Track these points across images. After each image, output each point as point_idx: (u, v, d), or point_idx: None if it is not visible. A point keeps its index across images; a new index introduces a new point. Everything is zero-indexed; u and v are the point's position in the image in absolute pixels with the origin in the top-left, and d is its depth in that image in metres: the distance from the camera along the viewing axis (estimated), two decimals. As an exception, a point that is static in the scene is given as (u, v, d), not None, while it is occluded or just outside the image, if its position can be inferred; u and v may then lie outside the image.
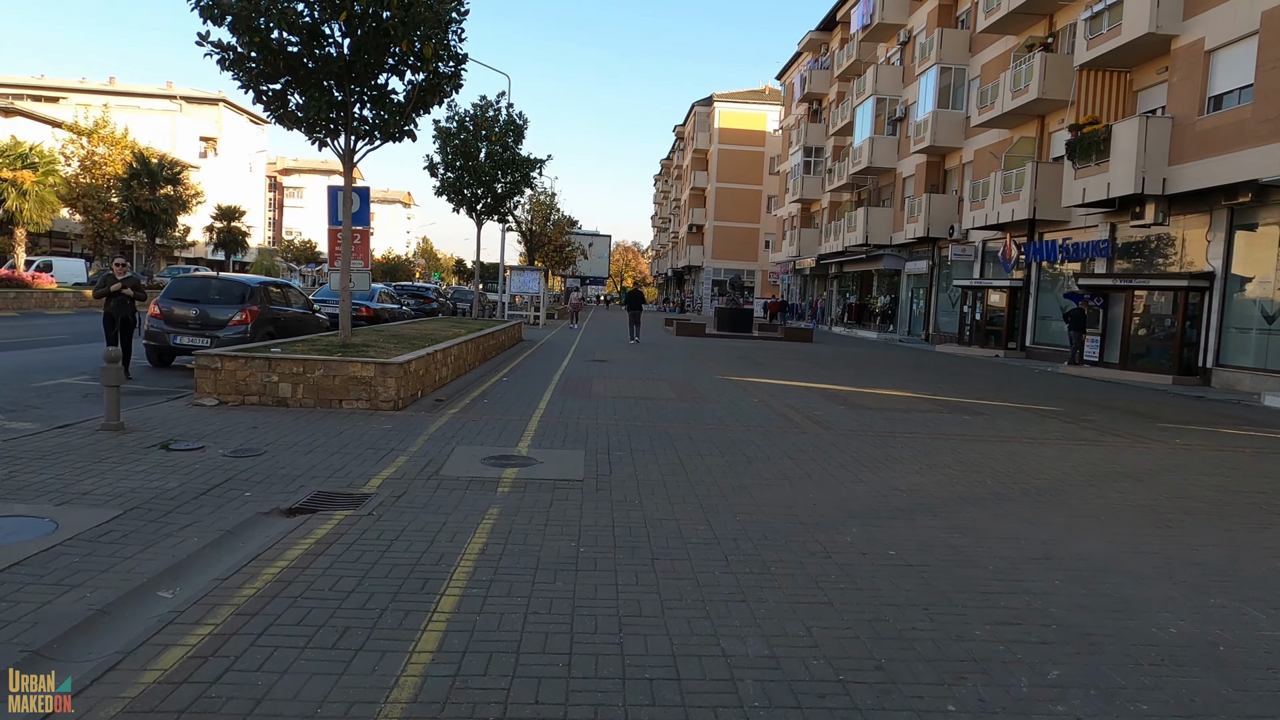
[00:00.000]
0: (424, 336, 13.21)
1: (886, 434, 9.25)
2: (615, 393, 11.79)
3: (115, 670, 3.02)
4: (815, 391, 13.36)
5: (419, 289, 26.66)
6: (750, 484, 6.46)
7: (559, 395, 11.18)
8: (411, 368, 9.57)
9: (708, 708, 2.93)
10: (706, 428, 9.07)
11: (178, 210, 35.45)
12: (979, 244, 30.09)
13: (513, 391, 11.39)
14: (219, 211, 46.40)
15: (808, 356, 22.05)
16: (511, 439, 7.81)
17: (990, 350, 27.01)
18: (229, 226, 46.31)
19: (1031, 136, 26.57)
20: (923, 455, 8.04)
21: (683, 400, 11.36)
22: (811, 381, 15.02)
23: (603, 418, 9.40)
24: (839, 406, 11.52)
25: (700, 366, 17.14)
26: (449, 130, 19.87)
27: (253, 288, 12.63)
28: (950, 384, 16.15)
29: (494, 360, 16.16)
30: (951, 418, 10.97)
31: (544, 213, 39.88)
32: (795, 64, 55.76)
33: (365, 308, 17.97)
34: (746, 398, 12.02)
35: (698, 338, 29.17)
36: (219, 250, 47.26)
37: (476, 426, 8.38)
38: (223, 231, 46.76)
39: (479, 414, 9.22)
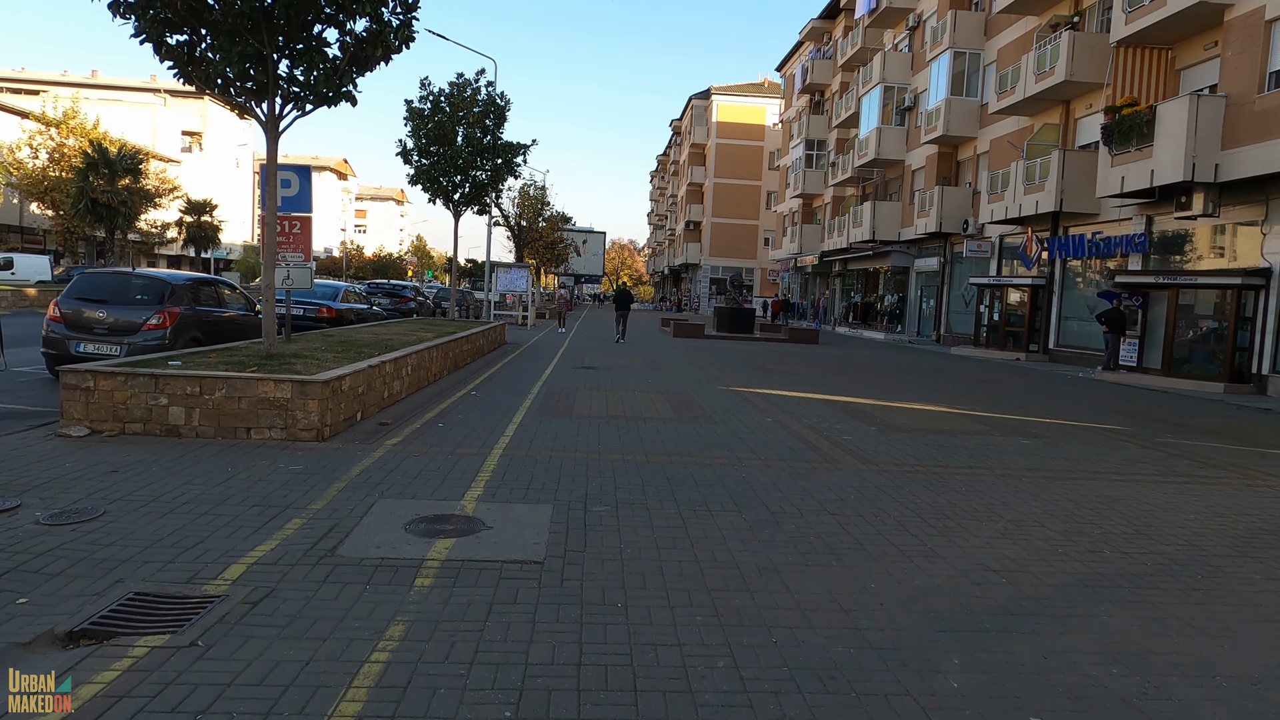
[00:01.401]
0: (380, 343, 11.29)
1: (940, 469, 7.36)
2: (602, 411, 9.89)
3: None
4: (836, 406, 11.47)
5: (395, 287, 24.61)
6: (783, 563, 4.56)
7: (534, 415, 9.28)
8: (344, 385, 7.65)
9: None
10: (715, 462, 7.17)
11: (140, 203, 33.23)
12: (996, 239, 28.24)
13: (479, 410, 9.48)
14: (188, 205, 43.91)
15: (816, 361, 20.17)
16: (458, 485, 5.91)
17: (1010, 353, 25.16)
18: (199, 221, 43.80)
19: (1055, 123, 24.71)
20: (999, 505, 6.15)
21: (683, 421, 9.46)
22: (828, 393, 13.14)
23: (584, 448, 7.49)
24: (869, 427, 9.63)
25: (701, 374, 15.25)
26: (422, 111, 17.93)
27: (175, 285, 10.69)
28: (982, 394, 14.28)
29: (468, 368, 14.24)
30: (1007, 442, 9.09)
31: (534, 207, 37.88)
32: (796, 54, 53.88)
33: (326, 308, 16.03)
34: (758, 416, 10.12)
35: (697, 339, 27.28)
36: (189, 245, 44.70)
37: (417, 465, 6.46)
38: (192, 226, 44.21)
39: (427, 444, 7.30)
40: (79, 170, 30.93)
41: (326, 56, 8.28)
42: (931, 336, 33.42)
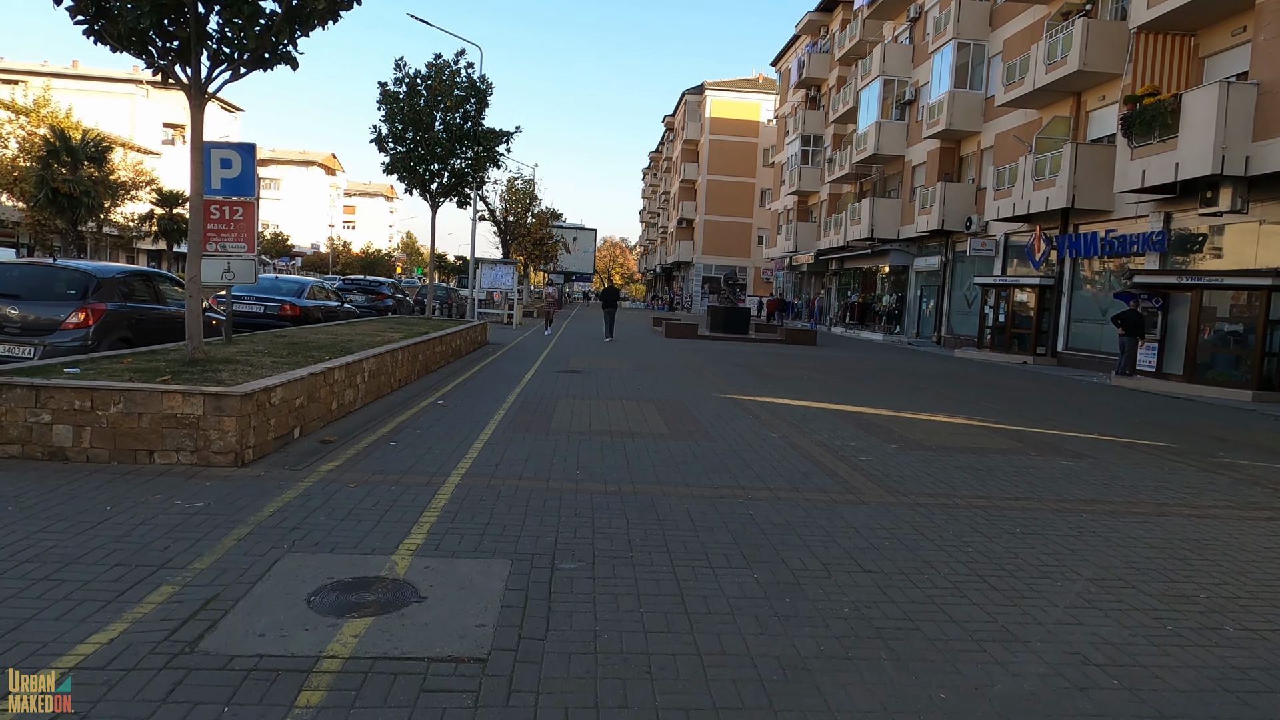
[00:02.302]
0: (336, 345, 10.06)
1: (982, 502, 6.20)
2: (584, 424, 8.69)
3: None
4: (846, 418, 10.30)
5: (371, 283, 23.25)
6: (813, 655, 3.38)
7: (506, 430, 8.07)
8: (275, 397, 6.42)
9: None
10: (715, 493, 5.99)
11: (104, 194, 31.69)
12: (1001, 237, 27.17)
13: (442, 424, 8.27)
14: (160, 196, 42.19)
15: (817, 364, 19.03)
16: (395, 530, 4.70)
17: (1016, 356, 24.10)
18: (171, 214, 42.11)
19: (1066, 116, 23.64)
20: (1068, 554, 4.98)
21: (677, 437, 8.27)
22: (834, 401, 11.98)
23: (560, 475, 6.30)
24: (887, 444, 8.47)
25: (696, 379, 14.07)
26: (396, 95, 16.67)
27: (102, 279, 9.44)
28: (999, 402, 13.15)
29: (440, 372, 13.01)
30: (1047, 464, 7.94)
31: (522, 202, 36.56)
32: (792, 48, 52.75)
33: (289, 305, 14.75)
34: (761, 430, 8.95)
35: (690, 340, 26.10)
36: (159, 239, 42.99)
37: (350, 500, 5.25)
38: (164, 219, 42.47)
39: (370, 470, 6.09)
40: (40, 158, 29.42)
41: (261, 10, 7.04)
42: (931, 338, 32.36)
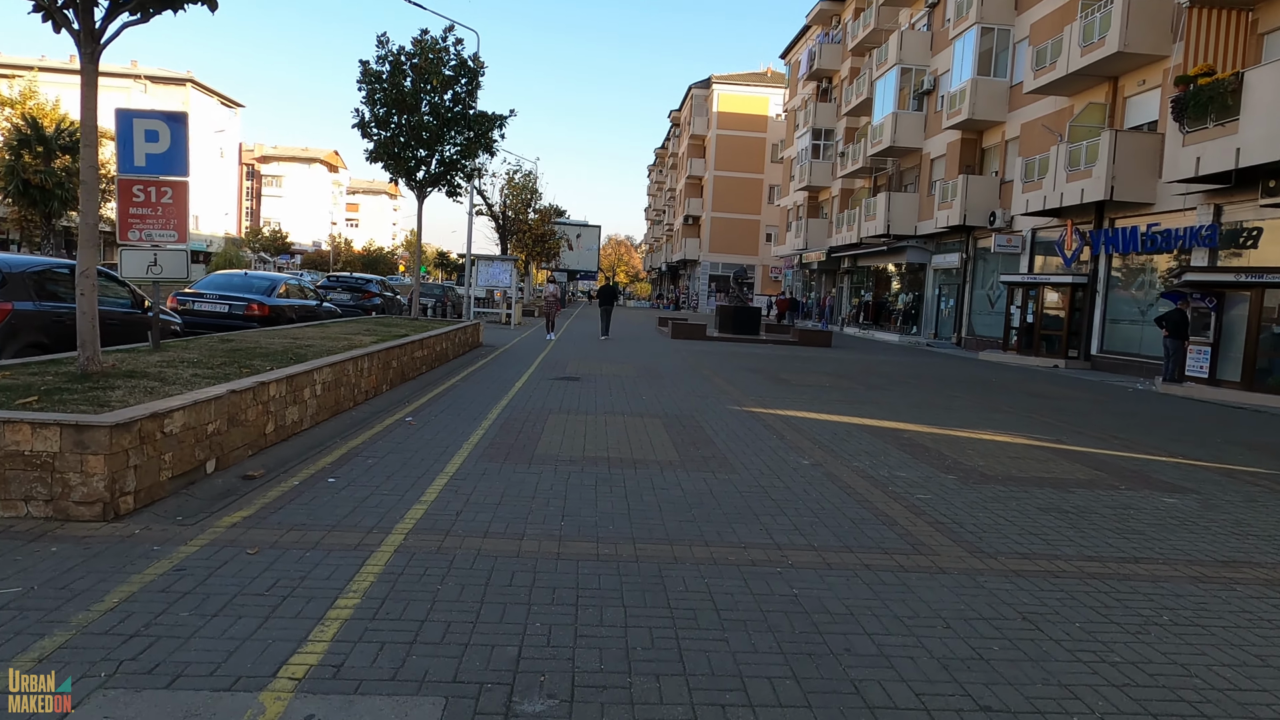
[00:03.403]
0: (288, 351, 8.61)
1: (1095, 567, 4.71)
2: (577, 448, 7.22)
3: None
4: (884, 437, 8.82)
5: (358, 281, 21.74)
6: None
7: (479, 459, 6.60)
8: (172, 425, 4.96)
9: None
10: (745, 557, 4.52)
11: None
12: (1028, 233, 25.61)
13: (404, 449, 6.81)
14: None
15: (835, 368, 17.53)
16: (285, 636, 3.23)
17: (1045, 359, 22.56)
18: None
19: (1101, 103, 22.08)
20: (1259, 666, 3.50)
21: (690, 466, 6.79)
22: (866, 414, 10.49)
23: (536, 529, 4.83)
24: (944, 475, 6.99)
25: (706, 387, 12.59)
26: (380, 74, 15.22)
27: (8, 274, 8.02)
28: (1049, 415, 11.65)
29: (420, 379, 11.55)
30: (1146, 502, 6.45)
31: (522, 196, 35.08)
32: (802, 40, 51.21)
33: (257, 305, 13.30)
34: (790, 455, 7.47)
35: (698, 342, 24.61)
36: None
37: (238, 578, 3.78)
38: None
39: (285, 524, 4.63)
40: (10, 147, 28.03)
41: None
42: (951, 339, 30.81)
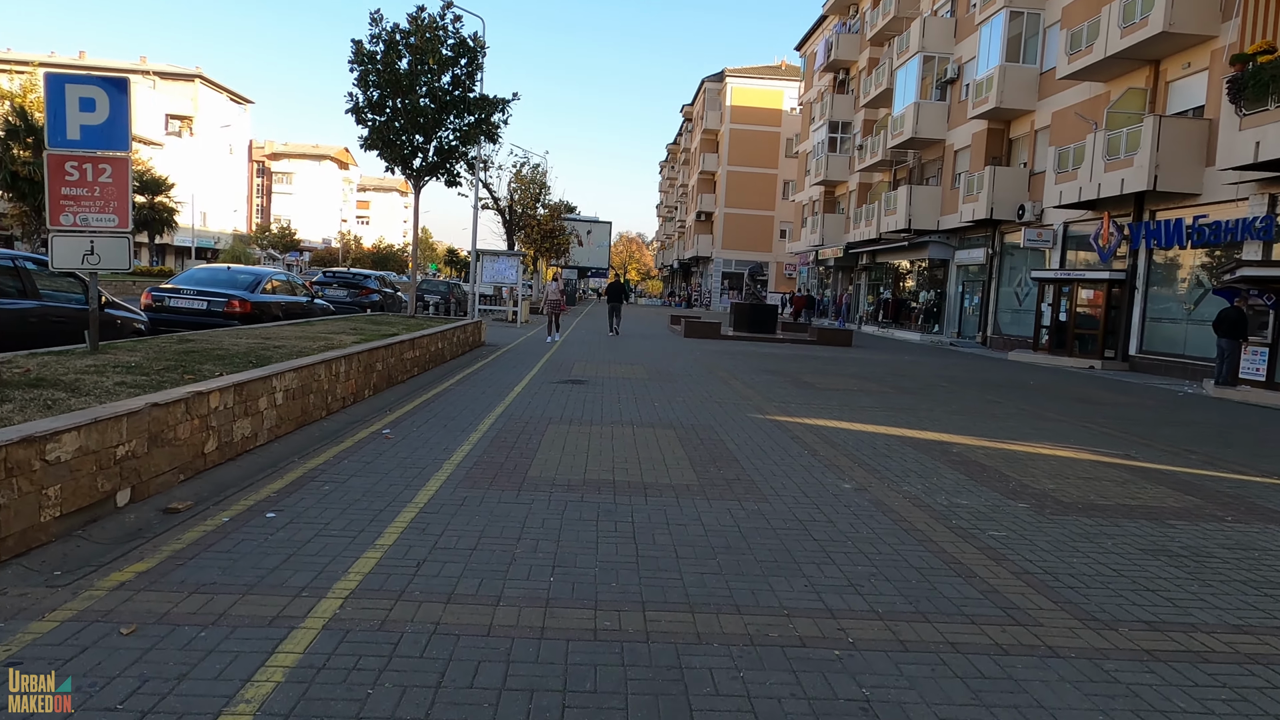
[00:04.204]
0: (253, 353, 7.59)
1: (1249, 644, 3.60)
2: (577, 470, 6.15)
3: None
4: (931, 451, 7.70)
5: (355, 277, 20.65)
6: None
7: (459, 484, 5.54)
8: (55, 452, 3.91)
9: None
10: (789, 633, 3.43)
11: None
12: (1059, 226, 24.34)
13: (371, 471, 5.76)
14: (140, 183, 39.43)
15: (860, 369, 16.39)
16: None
17: (1080, 359, 21.34)
18: (152, 202, 39.29)
19: (1141, 88, 20.81)
20: None
21: (712, 493, 5.71)
22: (905, 424, 9.37)
23: (517, 588, 3.76)
24: (1015, 504, 5.87)
25: (725, 392, 11.50)
26: (373, 54, 14.20)
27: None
28: (1105, 423, 10.49)
29: (410, 383, 10.52)
30: (1269, 539, 5.32)
31: (530, 191, 34.03)
32: (818, 30, 49.92)
33: (238, 301, 12.28)
34: (828, 477, 6.38)
35: (712, 341, 23.50)
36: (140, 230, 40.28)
37: (109, 664, 2.74)
38: (144, 208, 39.65)
39: (190, 585, 3.58)
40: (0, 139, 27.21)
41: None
42: (975, 339, 29.57)
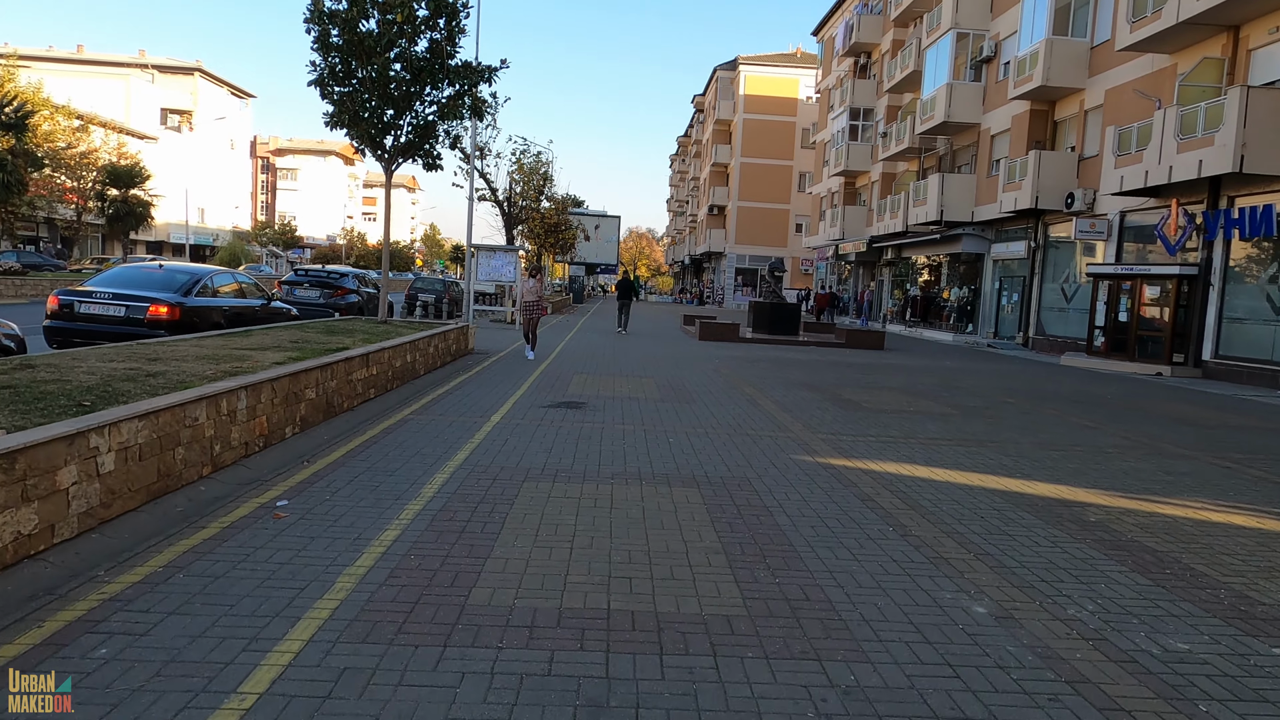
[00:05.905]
0: (107, 384, 5.43)
1: None
2: (551, 586, 3.93)
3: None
4: (1066, 521, 5.48)
5: (330, 276, 18.27)
6: None
7: (343, 634, 3.34)
8: None
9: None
10: None
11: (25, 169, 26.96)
12: (1115, 216, 21.95)
13: (208, 602, 3.57)
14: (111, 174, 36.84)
15: (907, 381, 14.10)
16: None
17: (1144, 365, 18.99)
18: (125, 195, 36.95)
19: (1217, 57, 18.39)
20: None
21: (768, 636, 3.49)
22: (1001, 470, 7.14)
23: None
24: (1253, 640, 3.65)
25: (756, 418, 9.28)
26: (335, 13, 12.04)
27: None
28: (1247, 460, 8.22)
29: (361, 410, 8.35)
30: None
31: (532, 181, 31.81)
32: (837, 13, 47.46)
33: (164, 305, 10.12)
34: (944, 588, 4.15)
35: (730, 344, 21.26)
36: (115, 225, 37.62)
37: None
38: (117, 202, 37.53)
39: None
40: (-44, 134, 25.18)
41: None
42: (1015, 339, 27.19)
